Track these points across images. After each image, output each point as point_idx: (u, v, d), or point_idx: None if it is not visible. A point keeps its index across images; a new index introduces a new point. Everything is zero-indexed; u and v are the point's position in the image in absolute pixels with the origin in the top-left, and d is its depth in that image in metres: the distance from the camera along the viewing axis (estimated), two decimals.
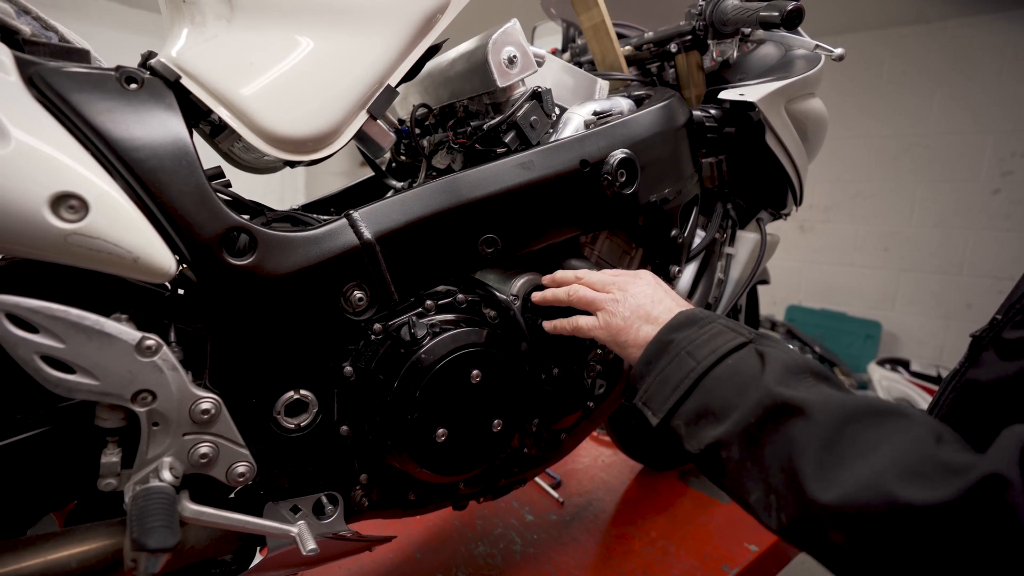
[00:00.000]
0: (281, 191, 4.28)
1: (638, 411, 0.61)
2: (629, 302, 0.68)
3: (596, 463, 1.47)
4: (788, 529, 0.46)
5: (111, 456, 0.53)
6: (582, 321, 0.71)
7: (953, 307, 3.16)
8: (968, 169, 3.08)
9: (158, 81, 0.56)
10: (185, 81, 0.56)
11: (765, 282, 1.41)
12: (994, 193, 3.02)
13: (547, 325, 0.76)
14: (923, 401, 2.70)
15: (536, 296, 0.77)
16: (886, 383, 2.86)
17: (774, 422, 0.49)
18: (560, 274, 0.77)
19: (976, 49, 2.98)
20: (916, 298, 3.31)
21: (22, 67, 0.48)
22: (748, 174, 1.05)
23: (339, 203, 0.97)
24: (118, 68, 0.54)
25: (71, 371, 0.48)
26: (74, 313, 0.48)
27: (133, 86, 0.54)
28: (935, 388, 2.75)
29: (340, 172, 4.30)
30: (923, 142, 3.20)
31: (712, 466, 0.54)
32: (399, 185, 0.99)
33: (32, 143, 0.44)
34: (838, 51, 0.88)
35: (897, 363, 2.92)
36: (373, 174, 1.02)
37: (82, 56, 0.56)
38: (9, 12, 0.51)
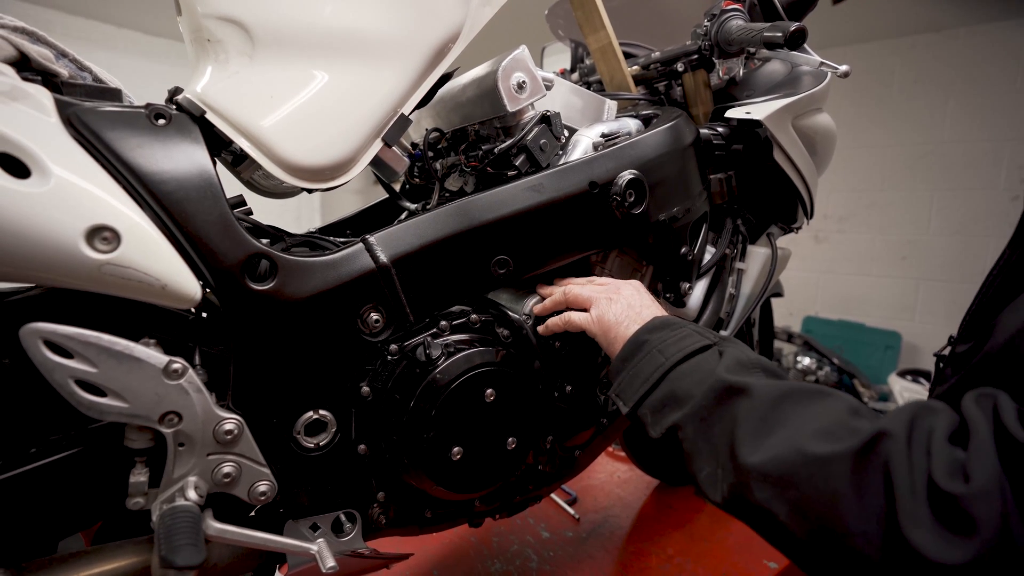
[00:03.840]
0: (298, 210, 4.36)
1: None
2: (622, 302, 0.72)
3: (612, 479, 1.47)
4: (728, 499, 0.51)
5: (139, 476, 0.55)
6: (575, 316, 0.74)
7: None
8: (986, 177, 3.04)
9: (185, 117, 0.59)
10: (210, 116, 0.59)
11: (779, 295, 1.40)
12: (1013, 200, 2.97)
13: (540, 328, 0.78)
14: None
15: (537, 307, 0.78)
16: (908, 395, 2.80)
17: (722, 403, 0.54)
18: (552, 289, 0.80)
19: (988, 56, 2.96)
20: (936, 308, 3.25)
21: (61, 108, 0.51)
22: (757, 190, 1.06)
23: (355, 225, 1.00)
24: (148, 106, 0.57)
25: (103, 394, 0.50)
26: (106, 339, 0.50)
27: (161, 122, 0.57)
28: None
29: (355, 190, 4.37)
30: (937, 151, 3.17)
31: (674, 446, 0.59)
32: (413, 207, 1.02)
33: (70, 179, 0.47)
34: (843, 68, 0.88)
35: (919, 374, 2.87)
36: (387, 195, 1.04)
37: (115, 95, 0.60)
38: (49, 57, 0.54)
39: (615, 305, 0.72)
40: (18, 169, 0.45)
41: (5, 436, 0.55)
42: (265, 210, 0.72)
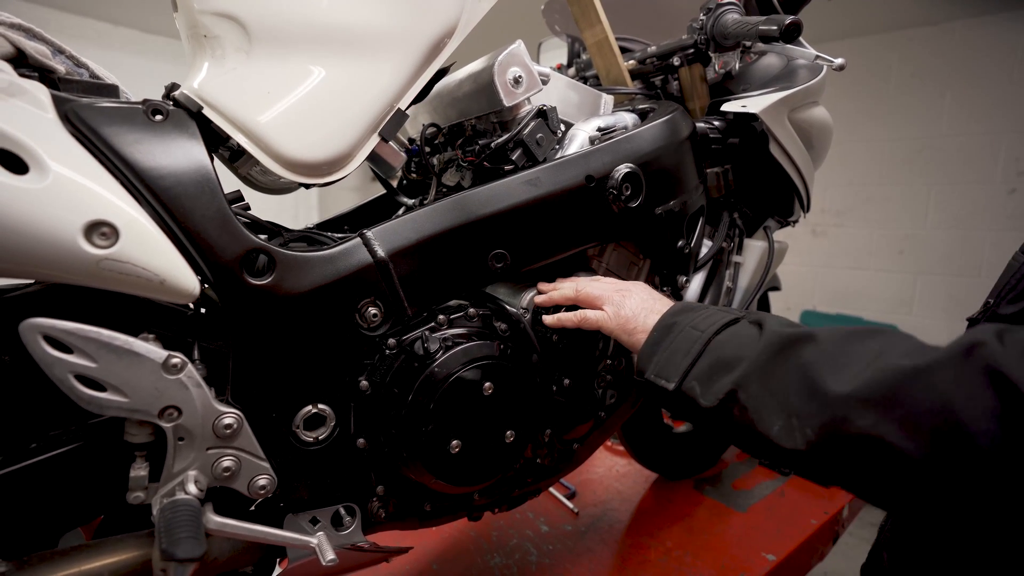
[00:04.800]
0: (296, 207, 4.36)
1: (654, 405, 0.65)
2: (635, 298, 0.74)
3: (610, 473, 1.48)
4: (817, 443, 0.49)
5: (139, 470, 0.56)
6: (590, 314, 0.75)
7: (973, 309, 3.09)
8: (983, 170, 3.04)
9: (182, 112, 0.59)
10: (207, 111, 0.59)
11: (776, 289, 1.41)
12: (1011, 193, 2.98)
13: (549, 319, 0.78)
14: None
15: (540, 299, 0.79)
16: None
17: (783, 354, 0.54)
18: (557, 285, 0.80)
19: (985, 50, 2.96)
20: (934, 301, 3.26)
21: (58, 104, 0.51)
22: (754, 183, 1.06)
23: (352, 221, 1.00)
24: (145, 101, 0.57)
25: (102, 389, 0.51)
26: (105, 334, 0.50)
27: (159, 118, 0.57)
28: None
29: (352, 187, 4.37)
30: (934, 144, 3.18)
31: (728, 415, 0.57)
32: (410, 202, 1.02)
33: (68, 175, 0.47)
34: (838, 61, 0.89)
35: None
36: (384, 191, 1.05)
37: (111, 91, 0.60)
38: (46, 53, 0.54)
39: (629, 300, 0.73)
40: (16, 165, 0.45)
41: (6, 432, 0.55)
42: (262, 207, 0.73)
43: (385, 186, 1.04)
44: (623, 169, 0.80)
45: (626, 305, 0.73)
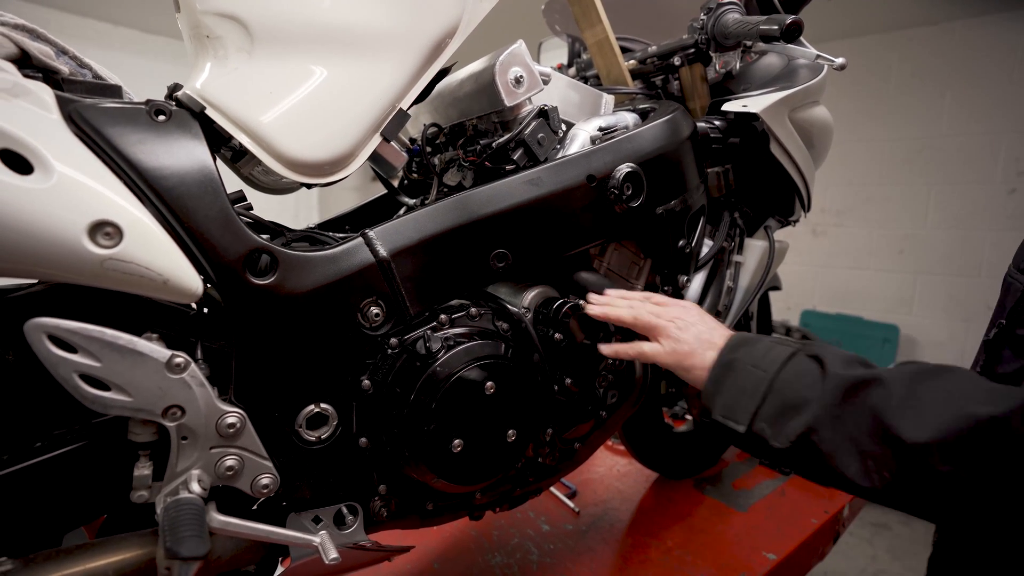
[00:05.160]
0: (296, 207, 4.36)
1: (711, 426, 0.67)
2: (691, 331, 0.73)
3: (611, 472, 1.48)
4: (892, 483, 0.52)
5: (143, 469, 0.56)
6: (647, 347, 0.75)
7: (973, 309, 3.11)
8: (983, 170, 3.05)
9: (184, 112, 0.59)
10: (210, 111, 0.60)
11: (777, 288, 1.41)
12: (1011, 193, 2.98)
13: (607, 349, 0.79)
14: None
15: (595, 311, 0.78)
16: None
17: (853, 397, 0.56)
18: (611, 302, 0.79)
19: (985, 50, 2.96)
20: (934, 301, 3.26)
21: (62, 105, 0.51)
22: (754, 183, 1.07)
23: (353, 221, 1.00)
24: (148, 102, 0.57)
25: (107, 388, 0.51)
26: (109, 333, 0.50)
27: (162, 118, 0.57)
28: None
29: (352, 187, 4.37)
30: (935, 144, 3.18)
31: (803, 456, 0.59)
32: (411, 202, 1.02)
33: (73, 175, 0.47)
34: (839, 61, 0.89)
35: None
36: (385, 191, 1.05)
37: (115, 91, 0.60)
38: (50, 54, 0.55)
39: (686, 334, 0.72)
40: (21, 165, 0.45)
41: (10, 431, 0.55)
42: (263, 207, 0.73)
43: (386, 186, 1.04)
44: (624, 169, 0.80)
45: (683, 340, 0.72)
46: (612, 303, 0.78)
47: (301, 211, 4.40)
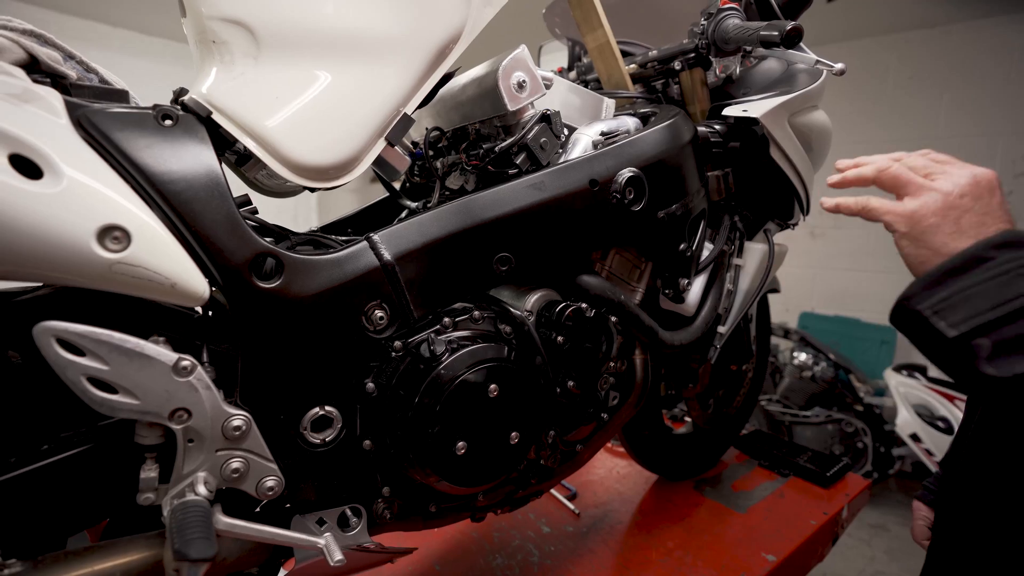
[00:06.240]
0: (295, 209, 4.37)
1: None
2: (952, 201, 0.59)
3: (611, 474, 1.48)
4: None
5: (149, 472, 0.56)
6: (875, 201, 0.64)
7: None
8: None
9: (191, 117, 0.59)
10: (216, 116, 0.60)
11: (775, 291, 1.42)
12: (1008, 195, 2.99)
13: (828, 203, 0.68)
14: (943, 408, 2.66)
15: (832, 179, 0.68)
16: (903, 389, 2.82)
17: None
18: (874, 159, 0.67)
19: (983, 52, 2.98)
20: None
21: (71, 110, 0.51)
22: (754, 186, 1.07)
23: (356, 224, 1.01)
24: (155, 107, 0.57)
25: (114, 391, 0.51)
26: (117, 337, 0.51)
27: (169, 123, 0.57)
28: (954, 394, 2.70)
29: (352, 189, 4.35)
30: (932, 146, 3.13)
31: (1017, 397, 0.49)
32: (413, 205, 1.03)
33: (81, 180, 0.48)
34: (838, 66, 0.90)
35: (914, 369, 2.89)
36: (387, 194, 1.05)
37: (122, 96, 0.60)
38: (57, 59, 0.55)
39: (944, 200, 0.59)
40: (31, 170, 0.46)
41: (17, 433, 0.55)
42: (262, 210, 0.73)
43: (388, 189, 1.04)
44: (626, 173, 0.81)
45: (935, 208, 0.59)
46: (859, 162, 0.66)
47: (300, 214, 4.40)
